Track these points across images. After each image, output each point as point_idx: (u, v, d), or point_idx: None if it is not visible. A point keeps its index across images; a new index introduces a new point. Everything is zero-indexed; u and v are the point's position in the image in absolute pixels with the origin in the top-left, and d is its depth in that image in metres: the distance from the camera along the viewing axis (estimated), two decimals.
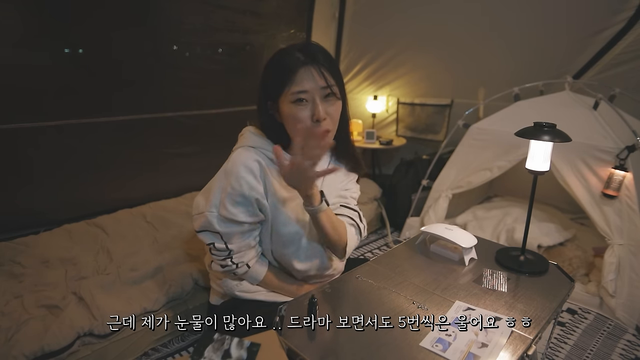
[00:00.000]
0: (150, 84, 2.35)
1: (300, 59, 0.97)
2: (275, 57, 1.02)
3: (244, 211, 1.02)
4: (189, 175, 2.61)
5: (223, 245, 1.05)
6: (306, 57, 0.97)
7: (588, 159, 1.92)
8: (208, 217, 1.03)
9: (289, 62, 0.97)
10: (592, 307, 1.88)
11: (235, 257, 1.07)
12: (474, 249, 1.19)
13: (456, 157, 2.43)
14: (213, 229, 1.04)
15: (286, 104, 0.99)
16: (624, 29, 2.18)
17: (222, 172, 1.04)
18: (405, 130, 3.32)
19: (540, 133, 1.04)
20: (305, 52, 0.98)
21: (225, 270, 1.09)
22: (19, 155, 2.00)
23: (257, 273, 1.13)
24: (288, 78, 0.96)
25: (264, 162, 1.04)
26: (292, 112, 0.98)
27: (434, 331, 0.86)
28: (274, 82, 0.99)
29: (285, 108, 1.00)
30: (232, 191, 1.00)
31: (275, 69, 1.00)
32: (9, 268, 1.67)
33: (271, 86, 1.01)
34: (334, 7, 3.13)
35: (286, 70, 0.97)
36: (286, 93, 0.98)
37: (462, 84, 2.91)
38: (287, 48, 1.01)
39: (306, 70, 0.96)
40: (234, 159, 1.02)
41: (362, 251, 2.48)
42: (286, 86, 0.97)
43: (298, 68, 0.96)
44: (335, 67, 1.01)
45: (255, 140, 1.06)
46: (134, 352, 1.50)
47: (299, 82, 0.96)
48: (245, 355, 0.78)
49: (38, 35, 1.94)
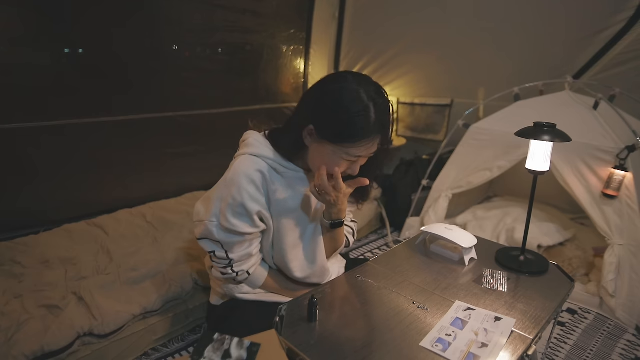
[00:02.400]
0: (151, 83, 2.35)
1: (374, 127, 0.90)
2: (346, 98, 0.90)
3: (244, 222, 1.00)
4: (189, 175, 2.61)
5: (224, 254, 1.04)
6: (378, 124, 0.91)
7: (588, 159, 1.92)
8: (208, 225, 1.01)
9: (363, 124, 0.90)
10: (592, 307, 1.88)
11: (235, 266, 1.06)
12: (474, 249, 1.19)
13: (456, 157, 2.43)
14: (213, 237, 1.02)
15: (330, 148, 0.94)
16: (624, 29, 2.18)
17: (223, 181, 1.01)
18: (405, 130, 3.32)
19: (540, 133, 1.05)
20: (379, 115, 0.91)
21: (226, 278, 1.09)
22: (19, 155, 2.00)
23: (257, 279, 1.13)
24: (352, 138, 0.91)
25: (267, 171, 1.00)
26: (331, 160, 0.95)
27: (434, 331, 0.86)
28: (333, 126, 0.92)
29: (328, 151, 0.94)
30: (233, 202, 0.98)
31: (341, 116, 0.90)
32: (9, 268, 1.67)
33: (326, 125, 0.93)
34: (334, 7, 3.13)
35: (354, 129, 0.90)
36: (339, 145, 0.92)
37: (462, 84, 2.91)
38: (361, 96, 0.90)
39: (370, 140, 0.92)
40: (236, 169, 0.99)
41: (362, 251, 2.48)
42: (345, 142, 0.92)
43: (366, 136, 0.91)
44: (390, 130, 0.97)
45: (258, 149, 1.02)
46: (134, 352, 1.50)
47: (357, 148, 0.92)
48: (245, 355, 0.78)
49: (38, 34, 1.94)
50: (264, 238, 1.10)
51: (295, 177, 1.05)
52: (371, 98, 0.91)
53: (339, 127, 0.91)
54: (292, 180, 1.05)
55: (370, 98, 0.91)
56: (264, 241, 1.10)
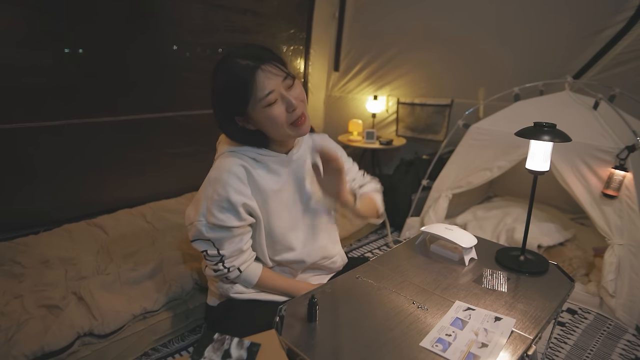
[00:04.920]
0: (151, 84, 2.35)
1: (250, 65, 0.95)
2: (222, 73, 0.98)
3: (231, 216, 1.03)
4: (189, 175, 2.60)
5: (215, 251, 1.07)
6: (253, 60, 0.95)
7: (588, 159, 1.92)
8: (197, 226, 1.04)
9: (241, 73, 0.95)
10: (592, 307, 1.88)
11: (227, 262, 1.08)
12: (474, 249, 1.19)
13: (456, 157, 2.43)
14: (203, 237, 1.05)
15: (257, 111, 0.98)
16: (624, 29, 2.18)
17: (207, 181, 1.05)
18: (405, 130, 3.32)
19: (540, 133, 1.04)
20: (249, 56, 0.96)
21: (218, 275, 1.10)
22: (19, 155, 2.00)
23: (249, 277, 1.13)
24: (249, 88, 0.95)
25: (248, 163, 1.04)
26: (267, 116, 0.98)
27: (434, 331, 0.86)
28: (235, 98, 0.97)
29: (259, 115, 0.99)
30: (218, 197, 1.01)
31: (230, 85, 0.97)
32: (9, 268, 1.67)
33: (233, 103, 0.99)
34: (334, 7, 3.14)
35: (242, 82, 0.95)
36: (254, 102, 0.97)
37: (462, 84, 2.91)
38: (228, 60, 0.97)
39: (261, 72, 0.95)
40: (218, 167, 1.03)
41: (362, 251, 2.48)
42: (250, 96, 0.96)
43: (254, 74, 0.94)
44: (279, 56, 1.02)
45: (235, 145, 1.06)
46: (134, 352, 1.50)
47: (261, 87, 0.95)
48: (245, 355, 0.78)
49: (39, 35, 1.94)
50: (256, 232, 1.11)
51: (276, 162, 1.09)
52: (236, 55, 0.97)
53: (235, 93, 0.96)
54: (274, 165, 1.09)
55: (236, 55, 0.97)
56: (256, 236, 1.11)
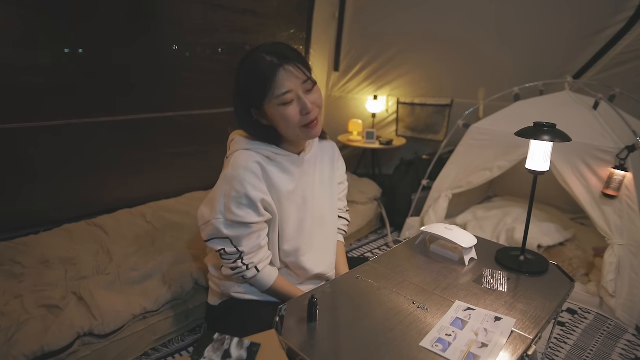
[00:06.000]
0: (150, 84, 2.34)
1: (274, 62, 0.97)
2: (246, 65, 1.01)
3: (250, 212, 1.03)
4: (189, 175, 2.61)
5: (234, 248, 1.06)
6: (278, 58, 0.98)
7: (588, 159, 1.92)
8: (215, 224, 1.04)
9: (265, 68, 0.97)
10: (592, 307, 1.88)
11: (246, 259, 1.07)
12: (474, 249, 1.19)
13: (456, 157, 2.43)
14: (221, 235, 1.05)
15: (273, 107, 1.00)
16: (624, 29, 2.18)
17: (223, 179, 1.04)
18: (405, 130, 3.32)
19: (540, 133, 1.04)
20: (275, 53, 0.99)
21: (235, 273, 1.09)
22: (19, 155, 2.00)
23: (265, 279, 1.12)
24: (269, 83, 0.97)
25: (263, 161, 1.05)
26: (281, 113, 1.00)
27: (434, 331, 0.86)
28: (255, 90, 1.00)
29: (273, 111, 1.01)
30: (236, 194, 1.01)
31: (252, 78, 1.00)
32: (9, 268, 1.67)
33: (252, 95, 1.02)
34: (334, 7, 3.13)
35: (264, 76, 0.97)
36: (270, 98, 0.99)
37: (462, 84, 2.91)
38: (255, 54, 1.00)
39: (283, 71, 0.97)
40: (234, 164, 1.03)
41: (362, 251, 2.48)
42: (268, 92, 0.98)
43: (276, 71, 0.97)
44: (304, 59, 1.04)
45: (248, 143, 1.07)
46: (134, 352, 1.50)
47: (280, 85, 0.97)
48: (245, 355, 0.78)
49: (38, 35, 1.94)
50: (271, 229, 1.12)
51: (289, 161, 1.10)
52: (264, 50, 0.99)
53: (256, 85, 0.99)
54: (287, 165, 1.10)
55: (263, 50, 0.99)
56: (271, 234, 1.12)
